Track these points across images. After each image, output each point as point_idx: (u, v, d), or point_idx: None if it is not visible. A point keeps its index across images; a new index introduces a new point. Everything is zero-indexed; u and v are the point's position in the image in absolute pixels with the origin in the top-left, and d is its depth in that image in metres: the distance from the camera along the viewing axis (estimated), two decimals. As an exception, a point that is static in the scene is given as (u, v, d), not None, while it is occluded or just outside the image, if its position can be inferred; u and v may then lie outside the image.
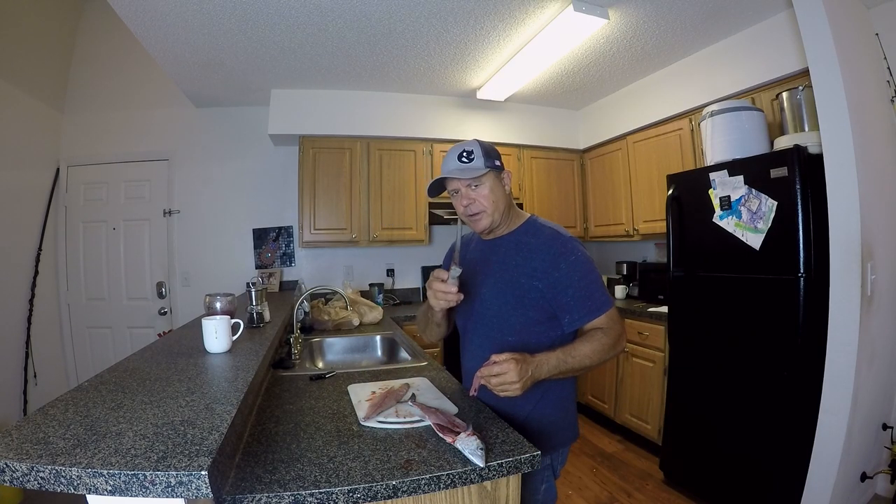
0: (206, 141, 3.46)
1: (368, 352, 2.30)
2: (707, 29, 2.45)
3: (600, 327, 1.10)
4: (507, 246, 1.20)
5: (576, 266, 1.11)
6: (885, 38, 2.02)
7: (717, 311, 2.17)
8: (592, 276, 1.13)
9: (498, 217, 1.19)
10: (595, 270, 1.15)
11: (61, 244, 3.31)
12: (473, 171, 1.13)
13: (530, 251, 1.16)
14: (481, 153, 1.15)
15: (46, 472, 0.60)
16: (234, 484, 0.78)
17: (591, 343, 1.07)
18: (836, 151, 1.72)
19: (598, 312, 1.11)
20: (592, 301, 1.11)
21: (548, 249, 1.14)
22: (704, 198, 2.20)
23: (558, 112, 3.77)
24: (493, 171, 1.16)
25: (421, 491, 0.81)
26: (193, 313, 2.50)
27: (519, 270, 1.15)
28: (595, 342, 1.08)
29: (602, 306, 1.11)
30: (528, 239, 1.18)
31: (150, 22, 2.18)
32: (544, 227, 1.20)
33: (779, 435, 1.89)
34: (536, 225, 1.22)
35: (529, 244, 1.17)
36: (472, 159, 1.14)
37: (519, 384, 0.97)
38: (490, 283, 1.20)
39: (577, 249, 1.14)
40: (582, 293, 1.10)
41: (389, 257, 3.69)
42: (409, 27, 2.36)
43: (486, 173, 1.15)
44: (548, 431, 1.16)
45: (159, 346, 1.39)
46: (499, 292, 1.18)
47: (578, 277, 1.11)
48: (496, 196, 1.17)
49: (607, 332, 1.10)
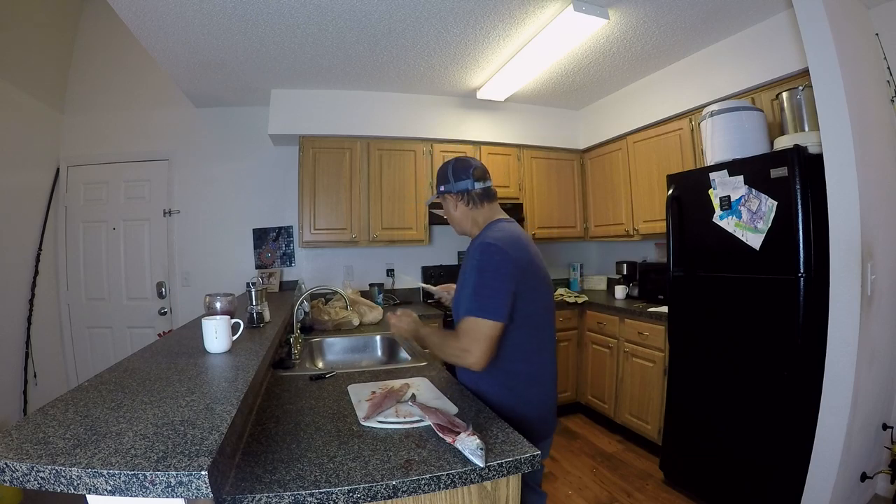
0: (206, 141, 3.46)
1: (368, 352, 2.30)
2: (707, 29, 2.45)
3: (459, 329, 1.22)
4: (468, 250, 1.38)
5: (472, 267, 1.25)
6: (885, 38, 2.02)
7: (717, 311, 2.17)
8: (479, 279, 1.21)
9: (458, 228, 1.44)
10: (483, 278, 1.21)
11: (61, 244, 3.31)
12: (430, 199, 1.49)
13: (469, 254, 1.33)
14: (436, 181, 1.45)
15: (46, 472, 0.60)
16: (234, 484, 0.78)
17: (442, 339, 1.28)
18: (836, 151, 1.72)
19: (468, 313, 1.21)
20: (465, 305, 1.22)
21: (473, 251, 1.30)
22: (704, 198, 2.20)
23: (558, 112, 3.77)
24: (443, 197, 1.41)
25: (421, 491, 0.81)
26: (193, 313, 2.50)
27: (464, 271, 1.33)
28: (445, 339, 1.27)
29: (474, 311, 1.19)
30: (470, 246, 1.37)
31: (150, 22, 2.18)
32: (482, 233, 1.36)
33: (779, 435, 1.89)
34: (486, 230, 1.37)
35: (471, 247, 1.35)
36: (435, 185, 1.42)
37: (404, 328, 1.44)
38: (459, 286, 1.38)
39: (483, 255, 1.24)
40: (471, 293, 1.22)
41: (389, 257, 3.69)
42: (409, 27, 2.36)
43: (438, 198, 1.44)
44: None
45: (159, 346, 1.39)
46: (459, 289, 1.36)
47: (470, 280, 1.24)
48: (449, 214, 1.43)
49: (458, 339, 1.20)
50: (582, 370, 3.40)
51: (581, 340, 3.41)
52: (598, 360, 3.22)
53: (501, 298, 1.18)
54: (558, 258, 4.09)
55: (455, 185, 1.38)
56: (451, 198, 1.40)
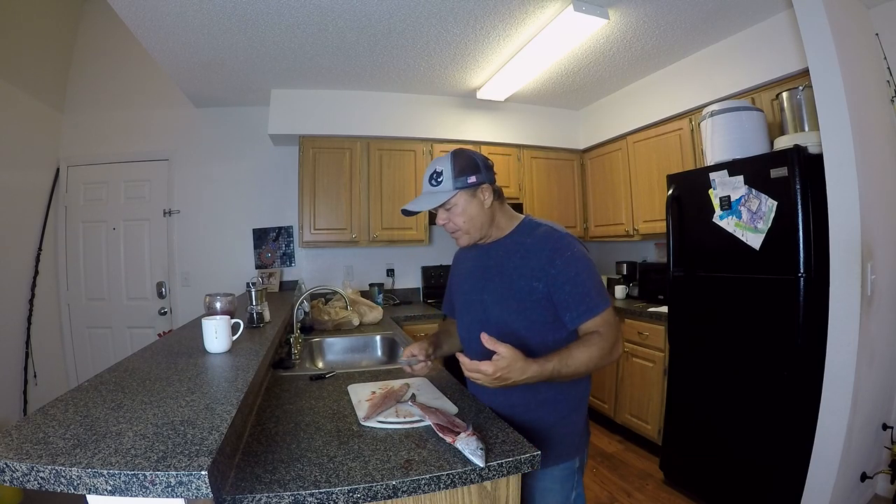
0: (206, 141, 3.46)
1: (368, 352, 2.30)
2: (707, 29, 2.45)
3: (597, 331, 1.06)
4: (503, 249, 1.18)
5: (571, 262, 1.09)
6: (885, 38, 2.02)
7: (717, 311, 2.17)
8: (588, 273, 1.10)
9: (476, 233, 1.18)
10: (592, 268, 1.11)
11: (61, 244, 3.31)
12: (439, 198, 1.12)
13: (527, 251, 1.14)
14: (451, 173, 1.12)
15: (46, 472, 0.60)
16: (234, 484, 0.78)
17: (589, 349, 1.03)
18: (836, 151, 1.72)
19: (593, 312, 1.07)
20: (588, 300, 1.08)
21: (543, 247, 1.12)
22: (704, 198, 2.20)
23: (558, 112, 3.77)
24: (464, 191, 1.13)
25: (421, 491, 0.81)
26: (193, 313, 2.50)
27: (517, 272, 1.13)
28: (592, 348, 1.04)
29: (596, 307, 1.08)
30: (523, 239, 1.17)
31: (150, 22, 2.18)
32: (539, 225, 1.18)
33: (779, 435, 1.89)
34: (532, 224, 1.20)
35: (525, 244, 1.15)
36: (441, 181, 1.12)
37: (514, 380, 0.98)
38: (490, 288, 1.18)
39: (572, 246, 1.11)
40: (578, 290, 1.08)
41: (389, 257, 3.69)
42: (409, 27, 2.36)
43: (455, 195, 1.12)
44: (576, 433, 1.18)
45: (159, 346, 1.39)
46: (499, 297, 1.15)
47: (574, 273, 1.08)
48: (470, 214, 1.15)
49: (604, 336, 1.06)
50: (582, 370, 3.40)
51: (581, 340, 3.40)
52: (598, 360, 3.21)
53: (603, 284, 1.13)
54: (558, 258, 4.10)
55: (488, 174, 1.16)
56: (488, 190, 1.16)
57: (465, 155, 1.15)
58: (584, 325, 1.08)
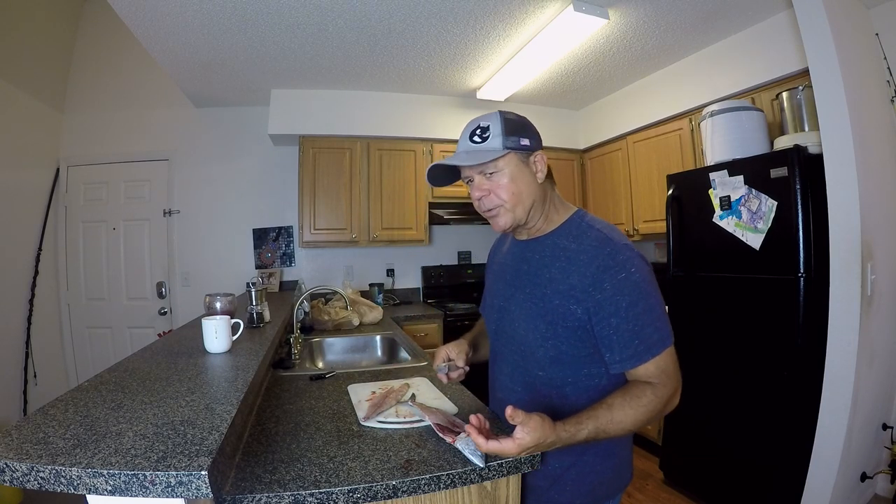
0: (206, 141, 3.46)
1: (368, 352, 2.30)
2: (707, 29, 2.45)
3: (650, 381, 0.84)
4: (543, 251, 0.94)
5: (625, 287, 0.83)
6: (885, 38, 2.02)
7: (717, 311, 2.17)
8: (648, 302, 0.84)
9: (522, 214, 0.92)
10: (653, 294, 0.86)
11: (61, 244, 3.31)
12: (485, 155, 0.88)
13: (569, 261, 0.89)
14: (500, 129, 0.88)
15: (46, 472, 0.60)
16: (234, 484, 0.78)
17: (636, 409, 0.81)
18: (836, 151, 1.72)
19: (646, 356, 0.83)
20: (641, 340, 0.83)
21: (591, 261, 0.86)
22: (704, 198, 2.20)
23: (558, 112, 3.77)
24: (515, 154, 0.89)
25: (421, 491, 0.81)
26: (193, 313, 2.50)
27: (553, 287, 0.89)
28: (641, 409, 0.81)
29: (652, 348, 0.83)
30: (567, 243, 0.91)
31: (150, 22, 2.18)
32: (591, 227, 0.92)
33: (779, 435, 1.89)
34: (582, 224, 0.93)
35: (569, 251, 0.90)
36: (487, 138, 0.88)
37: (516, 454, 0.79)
38: (520, 298, 0.95)
39: (630, 263, 0.85)
40: (629, 326, 0.83)
41: (389, 257, 3.69)
42: (409, 27, 2.36)
43: (504, 156, 0.88)
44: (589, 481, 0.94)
45: (159, 346, 1.38)
46: (528, 314, 0.93)
47: (627, 304, 0.83)
48: (519, 186, 0.90)
49: (658, 389, 0.83)
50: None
51: (581, 340, 3.40)
52: (598, 360, 3.21)
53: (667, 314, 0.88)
54: (558, 258, 4.10)
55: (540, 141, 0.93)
56: (542, 159, 0.93)
57: (516, 116, 0.92)
58: (634, 372, 0.85)
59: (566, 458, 0.92)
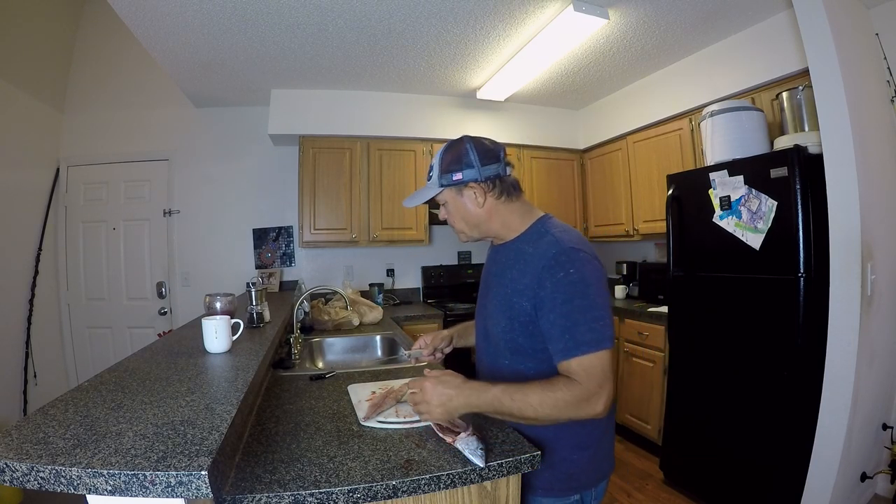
0: (206, 141, 3.46)
1: (368, 352, 2.30)
2: (707, 29, 2.45)
3: (572, 378, 0.88)
4: (508, 255, 1.05)
5: (563, 285, 0.90)
6: (885, 38, 2.02)
7: (717, 311, 2.17)
8: (585, 301, 0.90)
9: (474, 232, 1.07)
10: (592, 295, 0.91)
11: (61, 244, 3.31)
12: (425, 194, 1.06)
13: (525, 264, 0.98)
14: (438, 169, 1.02)
15: (46, 472, 0.60)
16: (234, 484, 0.78)
17: (547, 393, 0.86)
18: (836, 151, 1.72)
19: (574, 353, 0.88)
20: (571, 336, 0.88)
21: (539, 262, 0.95)
22: (704, 198, 2.20)
23: (558, 112, 3.77)
24: (450, 189, 1.03)
25: (421, 491, 0.81)
26: (193, 313, 2.50)
27: (513, 286, 0.99)
28: (554, 393, 0.86)
29: (582, 346, 0.87)
30: (527, 248, 1.01)
31: (150, 22, 2.18)
32: (547, 232, 1.00)
33: (779, 435, 1.89)
34: (541, 230, 1.02)
35: (526, 254, 0.99)
36: (431, 177, 1.05)
37: (435, 408, 0.91)
38: (492, 297, 1.07)
39: (572, 264, 0.91)
40: (563, 322, 0.89)
41: (389, 257, 3.69)
42: (409, 27, 2.36)
43: (441, 192, 1.04)
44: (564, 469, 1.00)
45: (159, 346, 1.38)
46: (496, 310, 1.04)
47: (562, 301, 0.90)
48: (460, 213, 1.05)
49: (571, 385, 0.86)
50: (582, 370, 3.39)
51: (581, 340, 3.40)
52: (598, 360, 3.21)
53: (609, 319, 0.91)
54: (558, 258, 4.09)
55: (483, 170, 1.00)
56: (477, 188, 1.01)
57: (458, 148, 1.02)
58: (562, 365, 0.90)
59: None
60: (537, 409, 0.86)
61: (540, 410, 0.86)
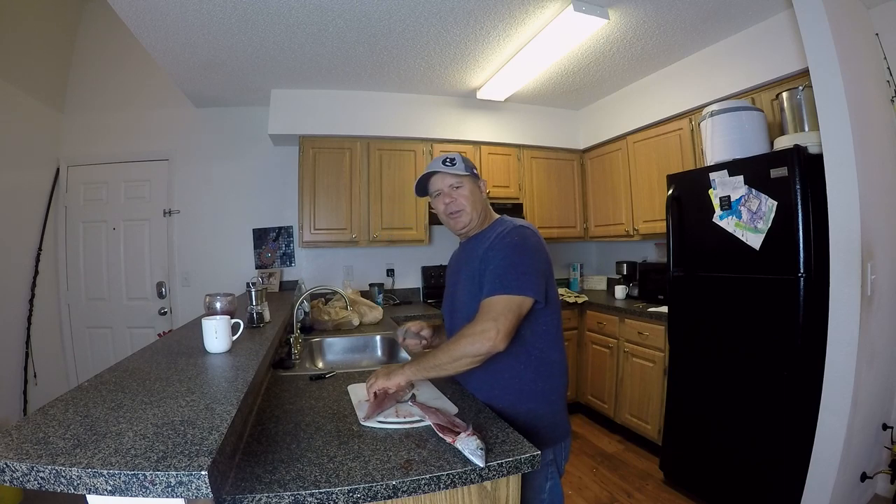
0: (206, 141, 3.46)
1: (368, 352, 2.30)
2: (707, 29, 2.45)
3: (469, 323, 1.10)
4: (476, 243, 1.30)
5: (503, 247, 1.17)
6: (885, 38, 2.02)
7: (717, 311, 2.17)
8: (518, 259, 1.14)
9: (476, 216, 1.31)
10: (525, 257, 1.15)
11: (61, 244, 3.31)
12: (457, 171, 1.29)
13: (486, 240, 1.25)
14: (462, 161, 1.31)
15: (46, 472, 0.60)
16: (234, 484, 0.78)
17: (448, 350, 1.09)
18: (836, 151, 1.72)
19: (490, 293, 1.11)
20: (501, 282, 1.11)
21: (493, 237, 1.23)
22: (704, 198, 2.20)
23: (558, 112, 3.77)
24: (471, 177, 1.32)
25: (421, 491, 0.81)
26: (193, 313, 2.50)
27: (477, 261, 1.23)
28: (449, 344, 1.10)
29: (504, 288, 1.10)
30: (489, 233, 1.28)
31: (150, 22, 2.18)
32: (504, 221, 1.30)
33: (779, 435, 1.89)
34: (500, 221, 1.31)
35: (489, 236, 1.26)
36: (455, 164, 1.30)
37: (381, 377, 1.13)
38: (461, 278, 1.30)
39: (512, 234, 1.19)
40: (497, 272, 1.13)
41: (389, 257, 3.69)
42: (409, 27, 2.36)
43: (467, 176, 1.31)
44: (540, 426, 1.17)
45: (159, 346, 1.39)
46: (466, 284, 1.27)
47: (501, 257, 1.15)
48: (475, 198, 1.31)
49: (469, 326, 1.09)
50: (582, 370, 3.40)
51: (581, 340, 3.41)
52: (598, 360, 3.22)
53: (535, 276, 1.13)
54: (558, 258, 4.09)
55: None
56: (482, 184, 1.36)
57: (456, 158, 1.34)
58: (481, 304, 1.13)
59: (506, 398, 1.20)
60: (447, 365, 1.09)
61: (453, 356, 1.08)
